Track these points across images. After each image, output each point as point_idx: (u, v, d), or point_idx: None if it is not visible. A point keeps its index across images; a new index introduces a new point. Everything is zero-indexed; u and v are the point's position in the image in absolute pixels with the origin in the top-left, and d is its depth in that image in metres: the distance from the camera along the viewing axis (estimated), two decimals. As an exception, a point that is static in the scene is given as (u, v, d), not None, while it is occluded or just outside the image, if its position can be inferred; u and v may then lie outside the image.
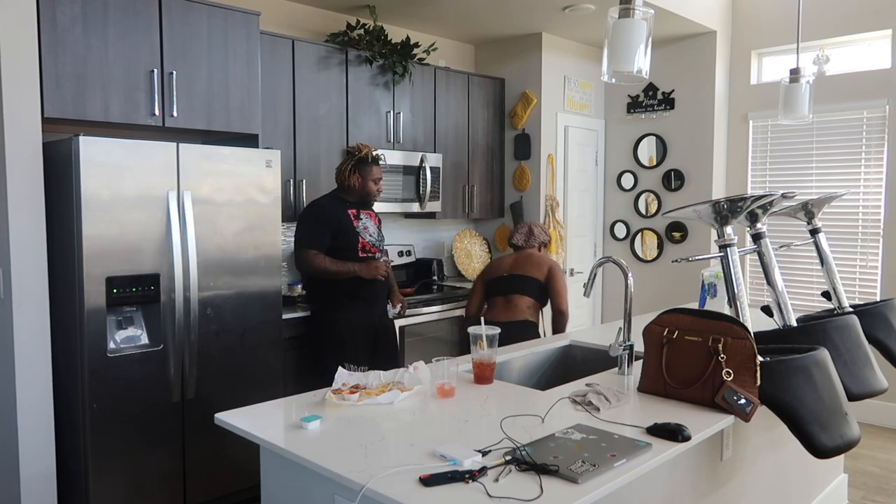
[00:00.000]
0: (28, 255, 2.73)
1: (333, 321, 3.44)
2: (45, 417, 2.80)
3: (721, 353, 1.94)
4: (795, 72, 3.34)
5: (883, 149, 4.58)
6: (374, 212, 3.63)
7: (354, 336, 3.44)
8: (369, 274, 3.41)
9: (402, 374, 2.16)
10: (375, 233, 3.55)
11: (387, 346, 3.61)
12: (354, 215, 3.48)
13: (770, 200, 2.28)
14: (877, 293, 4.64)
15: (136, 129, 3.25)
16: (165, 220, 2.95)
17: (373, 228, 3.53)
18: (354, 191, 3.48)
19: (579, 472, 1.48)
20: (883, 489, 3.61)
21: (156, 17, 3.09)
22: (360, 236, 3.45)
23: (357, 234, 3.44)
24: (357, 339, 3.44)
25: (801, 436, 1.91)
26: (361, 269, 3.40)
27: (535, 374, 2.81)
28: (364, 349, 3.46)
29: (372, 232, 3.52)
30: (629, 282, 2.43)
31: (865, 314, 2.59)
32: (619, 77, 2.03)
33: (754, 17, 5.11)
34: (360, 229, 3.46)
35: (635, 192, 5.55)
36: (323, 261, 3.38)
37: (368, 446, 1.66)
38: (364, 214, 3.52)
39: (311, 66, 3.97)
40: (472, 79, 5.00)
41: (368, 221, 3.53)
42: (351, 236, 3.43)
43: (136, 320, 2.94)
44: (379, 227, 3.61)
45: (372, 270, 3.42)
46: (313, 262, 3.38)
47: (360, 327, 3.46)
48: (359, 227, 3.46)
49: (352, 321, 3.43)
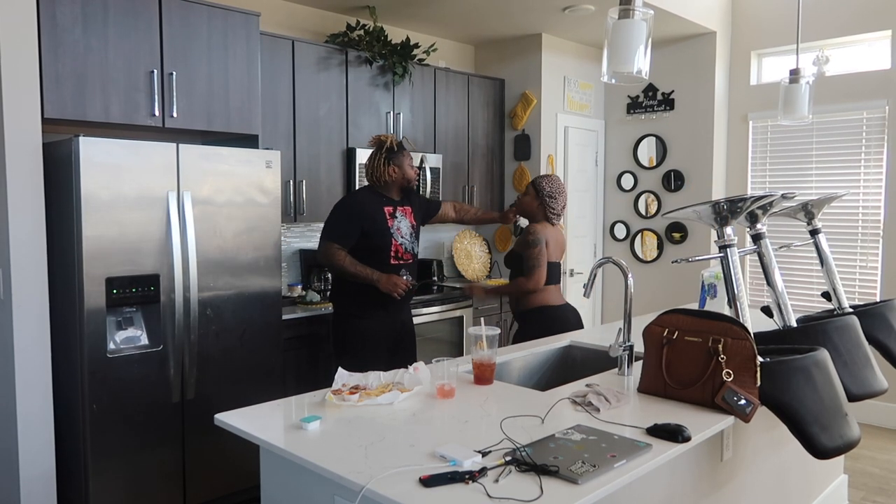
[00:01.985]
0: (28, 255, 2.73)
1: (357, 329, 3.28)
2: (44, 418, 2.80)
3: (721, 354, 1.94)
4: (795, 72, 3.35)
5: (883, 149, 4.58)
6: (410, 206, 3.41)
7: (376, 344, 3.29)
8: (386, 287, 3.19)
9: (402, 375, 2.16)
10: (409, 234, 3.35)
11: (406, 351, 3.44)
12: (391, 213, 3.30)
13: (770, 201, 2.28)
14: (877, 293, 4.64)
15: (136, 129, 3.25)
16: (165, 220, 2.95)
17: (407, 229, 3.34)
18: (394, 183, 3.30)
19: (579, 472, 1.48)
20: (883, 490, 3.60)
21: (156, 18, 3.10)
22: (394, 238, 3.27)
23: (391, 235, 3.26)
24: (378, 346, 3.29)
25: (801, 436, 1.91)
26: (380, 279, 3.19)
27: (535, 374, 2.81)
28: (384, 356, 3.30)
29: (405, 234, 3.33)
30: (629, 282, 2.43)
31: (865, 315, 2.59)
32: (619, 78, 2.03)
33: (754, 18, 5.11)
34: (394, 230, 3.28)
35: (635, 193, 5.55)
36: (343, 259, 3.20)
37: (368, 447, 1.66)
38: (400, 212, 3.34)
39: (310, 66, 3.97)
40: (472, 79, 5.00)
41: (403, 221, 3.34)
42: (385, 237, 3.25)
43: (135, 321, 2.94)
44: (414, 224, 3.40)
45: (390, 285, 3.19)
46: (334, 257, 3.20)
47: (382, 335, 3.31)
48: (393, 227, 3.28)
49: (375, 330, 3.28)
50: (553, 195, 3.40)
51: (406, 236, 3.34)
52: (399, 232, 3.30)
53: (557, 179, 3.45)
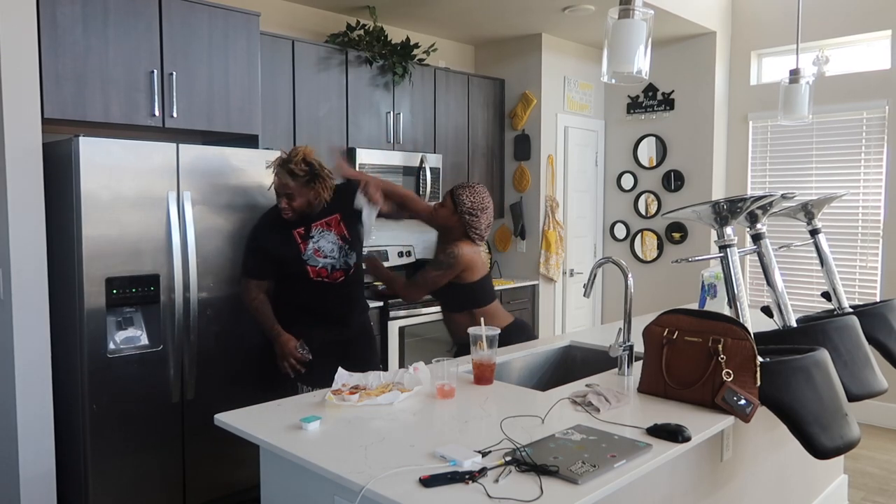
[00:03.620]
0: (28, 255, 2.73)
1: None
2: (44, 418, 2.80)
3: (721, 354, 1.94)
4: (795, 72, 3.35)
5: (882, 149, 4.58)
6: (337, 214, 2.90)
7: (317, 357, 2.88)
8: (279, 353, 2.85)
9: (402, 375, 2.16)
10: (336, 250, 2.89)
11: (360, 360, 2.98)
12: (302, 235, 2.85)
13: (770, 201, 2.28)
14: (876, 294, 4.64)
15: (136, 129, 3.25)
16: (165, 220, 2.95)
17: (331, 244, 2.88)
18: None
19: (579, 472, 1.48)
20: (883, 490, 3.60)
21: (156, 18, 3.10)
22: (309, 264, 2.84)
23: (304, 262, 2.84)
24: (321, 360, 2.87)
25: (801, 436, 1.91)
26: (278, 340, 2.84)
27: (535, 374, 2.81)
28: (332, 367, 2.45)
29: (329, 251, 2.87)
30: (629, 282, 2.43)
31: (865, 315, 2.59)
32: (619, 78, 2.03)
33: (754, 18, 5.11)
34: (309, 254, 2.84)
35: (635, 193, 5.55)
36: (254, 299, 2.90)
37: (368, 447, 1.66)
38: (318, 228, 2.87)
39: (311, 66, 3.97)
40: (472, 79, 5.00)
41: (325, 237, 2.88)
42: (298, 264, 2.84)
43: (135, 321, 2.94)
44: (344, 235, 2.91)
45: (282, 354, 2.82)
46: (246, 296, 2.92)
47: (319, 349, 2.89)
48: (308, 251, 2.85)
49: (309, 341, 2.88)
50: (474, 212, 2.87)
51: (331, 253, 2.88)
52: (318, 254, 2.86)
53: (482, 192, 2.91)
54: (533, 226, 5.21)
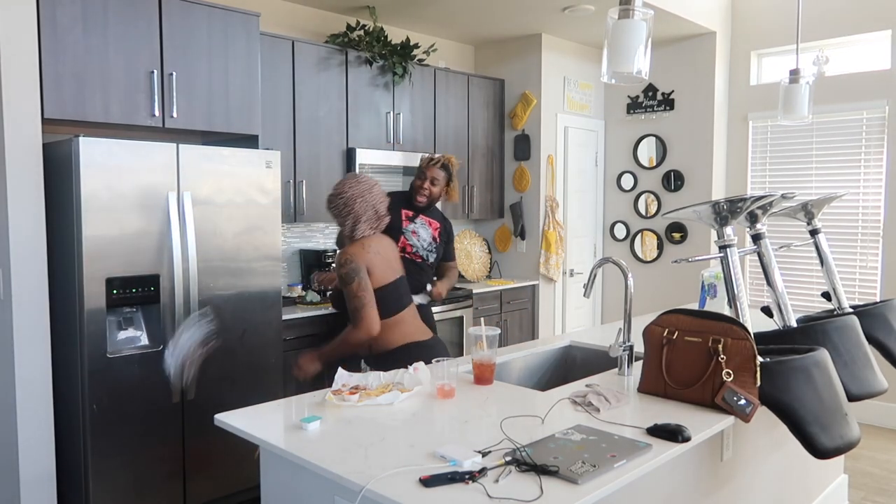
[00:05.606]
0: (28, 255, 2.73)
1: None
2: (44, 418, 2.80)
3: (721, 354, 1.94)
4: (795, 72, 3.35)
5: (882, 149, 4.58)
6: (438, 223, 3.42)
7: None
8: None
9: (402, 375, 2.16)
10: (428, 240, 3.36)
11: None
12: (409, 217, 3.37)
13: (770, 201, 2.28)
14: (876, 293, 4.64)
15: (136, 129, 3.25)
16: (165, 220, 2.95)
17: (425, 234, 3.36)
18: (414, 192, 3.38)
19: (579, 472, 1.48)
20: (883, 490, 3.60)
21: (156, 18, 3.10)
22: (404, 235, 3.31)
23: (401, 231, 3.29)
24: None
25: (801, 436, 1.91)
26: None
27: (535, 374, 2.81)
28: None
29: (422, 237, 3.34)
30: (629, 282, 2.43)
31: (865, 315, 2.59)
32: (619, 78, 2.03)
33: (754, 18, 5.11)
34: (407, 231, 3.32)
35: (635, 193, 5.55)
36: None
37: (368, 447, 1.66)
38: (422, 220, 3.38)
39: (310, 66, 3.97)
40: (472, 79, 5.00)
41: (424, 229, 3.37)
42: (395, 233, 3.23)
43: (135, 321, 2.94)
44: (436, 238, 3.39)
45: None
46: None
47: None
48: (408, 228, 3.34)
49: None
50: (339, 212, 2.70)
51: (422, 242, 3.34)
52: (414, 235, 3.34)
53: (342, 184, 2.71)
54: (533, 226, 5.21)
